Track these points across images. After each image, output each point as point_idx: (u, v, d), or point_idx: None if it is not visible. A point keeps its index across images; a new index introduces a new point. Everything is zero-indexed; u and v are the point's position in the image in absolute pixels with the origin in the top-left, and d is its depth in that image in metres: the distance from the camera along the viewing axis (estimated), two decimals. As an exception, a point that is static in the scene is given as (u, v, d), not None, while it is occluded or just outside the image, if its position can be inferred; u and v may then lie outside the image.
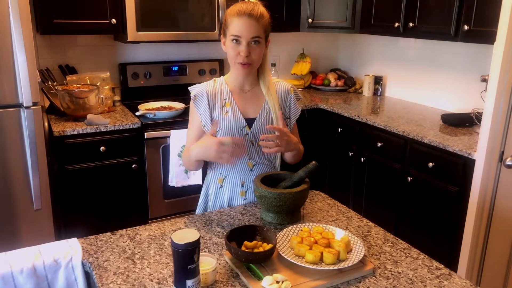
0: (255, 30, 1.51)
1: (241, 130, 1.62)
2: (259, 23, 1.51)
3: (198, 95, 1.62)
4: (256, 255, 1.20)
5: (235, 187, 1.68)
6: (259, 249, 1.24)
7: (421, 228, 2.59)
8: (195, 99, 1.62)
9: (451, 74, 3.07)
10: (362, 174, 3.00)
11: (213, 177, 1.71)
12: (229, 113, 1.62)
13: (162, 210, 2.93)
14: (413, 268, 1.25)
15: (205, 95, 1.62)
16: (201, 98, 1.62)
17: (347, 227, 1.48)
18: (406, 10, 2.89)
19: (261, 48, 1.55)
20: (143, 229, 1.45)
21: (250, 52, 1.52)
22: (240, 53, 1.52)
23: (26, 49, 2.17)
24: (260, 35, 1.52)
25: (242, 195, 1.68)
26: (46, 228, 2.46)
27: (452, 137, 2.49)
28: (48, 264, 1.22)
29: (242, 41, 1.51)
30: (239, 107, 1.63)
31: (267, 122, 1.64)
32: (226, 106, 1.62)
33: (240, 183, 1.68)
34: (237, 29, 1.51)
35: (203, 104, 1.62)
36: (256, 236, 1.32)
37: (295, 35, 3.73)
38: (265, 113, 1.64)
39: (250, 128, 1.63)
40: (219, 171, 1.69)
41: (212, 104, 1.62)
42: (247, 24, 1.50)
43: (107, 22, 2.77)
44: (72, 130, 2.55)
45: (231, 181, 1.68)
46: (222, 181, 1.69)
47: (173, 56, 3.39)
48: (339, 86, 3.83)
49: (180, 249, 1.03)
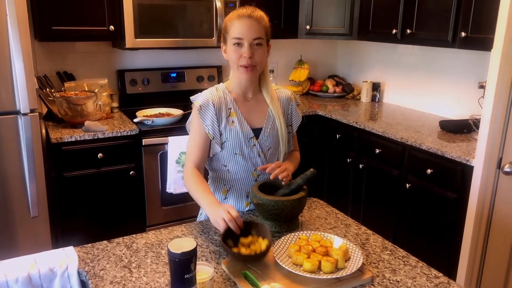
0: (256, 31, 1.49)
1: (248, 141, 1.59)
2: (260, 24, 1.50)
3: (204, 106, 1.55)
4: (255, 256, 1.24)
5: (239, 198, 1.65)
6: (255, 245, 1.28)
7: (419, 235, 2.58)
8: (200, 109, 1.55)
9: (449, 81, 3.07)
10: (360, 180, 3.00)
11: (217, 188, 1.68)
12: (235, 124, 1.57)
13: (160, 217, 2.92)
14: (411, 277, 1.24)
15: (211, 106, 1.55)
16: (206, 109, 1.55)
17: (345, 235, 1.47)
18: (404, 16, 2.90)
19: (263, 50, 1.52)
20: (140, 237, 1.44)
21: (253, 53, 1.49)
22: (243, 55, 1.49)
23: (23, 56, 2.17)
24: (261, 36, 1.50)
25: (247, 205, 1.67)
26: (43, 235, 2.44)
27: (450, 144, 2.49)
28: (43, 273, 1.21)
29: (244, 43, 1.48)
30: (245, 116, 1.59)
31: (273, 131, 1.62)
32: (232, 116, 1.58)
33: (245, 194, 1.66)
34: (238, 31, 1.49)
35: (209, 115, 1.55)
36: (251, 231, 1.34)
37: (293, 41, 3.73)
38: (270, 122, 1.62)
39: (257, 139, 1.60)
40: (223, 182, 1.65)
41: (218, 115, 1.56)
42: (248, 25, 1.48)
43: (105, 29, 2.77)
44: (70, 137, 2.54)
45: (236, 192, 1.65)
46: (227, 192, 1.66)
47: (172, 63, 3.39)
48: (337, 93, 3.84)
49: (177, 258, 1.02)
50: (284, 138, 1.63)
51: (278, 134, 1.62)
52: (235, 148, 1.58)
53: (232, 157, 1.59)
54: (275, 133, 1.62)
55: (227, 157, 1.60)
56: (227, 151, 1.59)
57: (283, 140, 1.63)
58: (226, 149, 1.58)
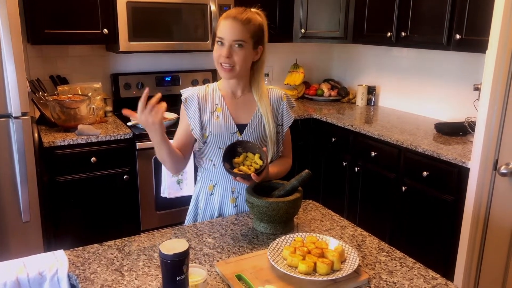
0: (238, 33, 1.49)
1: (231, 136, 1.61)
2: (244, 27, 1.50)
3: (189, 98, 1.62)
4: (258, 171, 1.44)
5: (225, 193, 1.66)
6: (248, 160, 1.49)
7: (416, 238, 2.57)
8: (185, 102, 1.62)
9: (444, 83, 3.07)
10: (356, 183, 2.98)
11: (204, 185, 1.69)
12: (220, 118, 1.61)
13: (154, 222, 2.89)
14: (408, 278, 1.22)
15: (195, 98, 1.61)
16: (191, 101, 1.61)
17: (341, 237, 1.45)
18: (398, 19, 2.90)
19: (244, 52, 1.52)
20: (132, 241, 1.41)
21: (231, 54, 1.51)
22: (221, 54, 1.51)
23: (15, 59, 2.14)
24: (243, 39, 1.50)
25: (232, 202, 1.66)
26: (35, 240, 2.40)
27: (446, 146, 2.48)
28: (32, 277, 1.18)
29: (225, 43, 1.51)
30: (231, 112, 1.62)
31: (259, 128, 1.63)
32: (217, 111, 1.62)
33: (230, 190, 1.66)
34: (221, 31, 1.52)
35: (193, 107, 1.61)
36: (238, 150, 1.51)
37: (288, 45, 3.73)
38: (257, 119, 1.63)
39: (241, 134, 1.61)
40: (209, 177, 1.67)
41: (203, 108, 1.61)
42: (231, 26, 1.50)
43: (99, 32, 2.75)
44: (63, 140, 2.51)
45: (222, 187, 1.66)
46: (213, 188, 1.67)
47: (166, 67, 3.37)
48: (332, 96, 3.83)
49: (168, 260, 1.00)
50: (272, 137, 1.63)
51: (266, 132, 1.62)
52: (218, 142, 1.60)
53: (217, 152, 1.61)
54: (261, 131, 1.63)
55: (212, 152, 1.63)
56: (211, 145, 1.62)
57: (271, 139, 1.63)
58: (211, 143, 1.61)
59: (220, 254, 1.32)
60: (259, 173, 1.45)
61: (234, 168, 1.49)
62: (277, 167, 1.66)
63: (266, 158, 1.48)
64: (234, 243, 1.39)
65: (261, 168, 1.47)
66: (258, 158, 1.50)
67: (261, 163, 1.48)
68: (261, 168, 1.46)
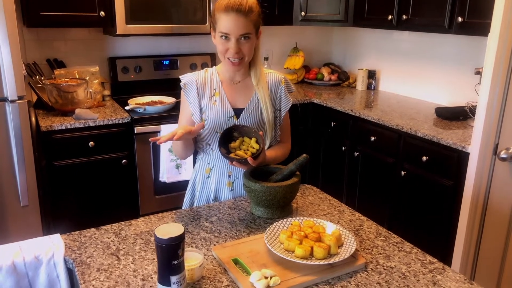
0: (244, 26, 1.46)
1: (228, 120, 1.60)
2: (247, 18, 1.46)
3: (188, 84, 1.62)
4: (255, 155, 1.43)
5: (222, 177, 1.66)
6: (244, 145, 1.49)
7: (415, 222, 2.57)
8: (185, 87, 1.62)
9: (445, 67, 3.04)
10: (355, 168, 2.97)
11: (201, 167, 1.69)
12: (217, 103, 1.60)
13: (153, 206, 2.89)
14: (406, 263, 1.21)
15: (194, 84, 1.61)
16: (191, 87, 1.61)
17: (339, 221, 1.45)
18: (400, 2, 2.85)
19: (251, 43, 1.51)
20: (129, 225, 1.41)
21: (240, 48, 1.49)
22: (229, 49, 1.49)
23: (10, 41, 2.11)
24: (249, 31, 1.48)
25: (229, 185, 1.66)
26: (33, 225, 2.41)
27: (446, 131, 2.46)
28: (28, 261, 1.18)
29: (231, 38, 1.47)
30: (228, 97, 1.61)
31: (256, 113, 1.62)
32: (215, 96, 1.61)
33: (227, 174, 1.65)
34: (225, 26, 1.46)
35: (193, 93, 1.61)
36: (234, 135, 1.51)
37: (288, 28, 3.68)
38: (254, 104, 1.62)
39: (237, 118, 1.60)
40: (207, 160, 1.67)
41: (201, 93, 1.61)
42: (235, 21, 1.45)
43: (95, 14, 2.71)
44: (60, 125, 2.50)
45: (218, 171, 1.66)
46: (210, 171, 1.66)
47: (164, 50, 3.33)
48: (332, 81, 3.80)
49: (164, 244, 0.99)
50: (270, 121, 1.62)
51: (264, 117, 1.61)
52: (215, 126, 1.60)
53: (214, 136, 1.61)
54: (259, 115, 1.62)
55: (209, 136, 1.63)
56: (208, 129, 1.61)
57: (269, 123, 1.62)
58: (208, 127, 1.61)
59: (217, 238, 1.32)
60: (256, 157, 1.44)
61: (231, 153, 1.48)
62: (275, 151, 1.65)
63: (262, 142, 1.47)
64: (231, 227, 1.39)
65: (257, 152, 1.45)
66: (255, 142, 1.50)
67: (258, 147, 1.48)
68: (258, 152, 1.45)
